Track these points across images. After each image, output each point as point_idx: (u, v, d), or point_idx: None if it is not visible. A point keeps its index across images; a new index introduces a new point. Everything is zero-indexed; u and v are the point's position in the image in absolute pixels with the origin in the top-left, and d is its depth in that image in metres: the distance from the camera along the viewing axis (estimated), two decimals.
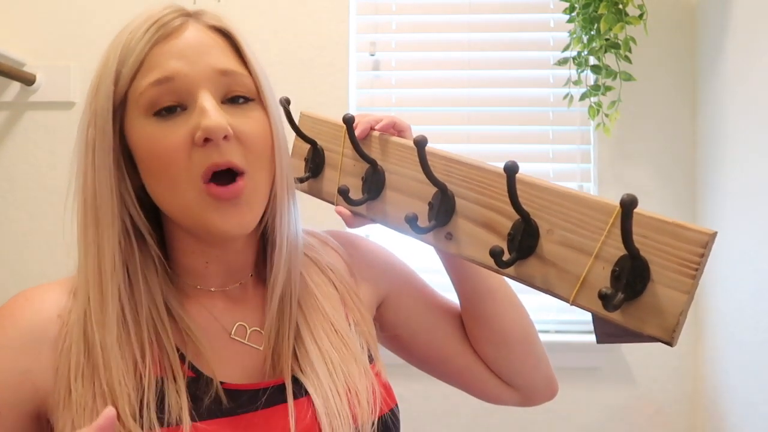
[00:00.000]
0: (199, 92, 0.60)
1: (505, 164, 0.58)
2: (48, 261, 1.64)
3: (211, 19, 0.64)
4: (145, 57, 0.60)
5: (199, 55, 0.61)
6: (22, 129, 1.69)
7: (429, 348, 0.81)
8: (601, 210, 0.56)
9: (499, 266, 0.61)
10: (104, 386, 0.57)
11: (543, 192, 0.60)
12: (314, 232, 0.80)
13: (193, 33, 0.62)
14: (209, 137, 0.58)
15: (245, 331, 0.67)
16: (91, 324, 0.59)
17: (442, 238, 0.68)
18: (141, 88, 0.60)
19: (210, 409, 0.60)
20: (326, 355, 0.66)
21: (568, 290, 0.58)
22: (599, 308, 0.55)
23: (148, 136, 0.60)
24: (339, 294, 0.73)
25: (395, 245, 0.87)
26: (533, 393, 0.83)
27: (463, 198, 0.67)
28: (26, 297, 0.63)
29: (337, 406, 0.63)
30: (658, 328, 0.52)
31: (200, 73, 0.60)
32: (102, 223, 0.61)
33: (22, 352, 0.59)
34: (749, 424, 1.35)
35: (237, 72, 0.62)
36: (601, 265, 0.55)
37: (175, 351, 0.61)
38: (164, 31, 0.61)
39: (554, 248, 0.59)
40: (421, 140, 0.65)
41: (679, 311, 0.51)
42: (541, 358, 0.82)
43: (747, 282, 1.35)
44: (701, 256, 0.50)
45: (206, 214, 0.60)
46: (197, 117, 0.59)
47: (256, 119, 0.63)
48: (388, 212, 0.73)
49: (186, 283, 0.67)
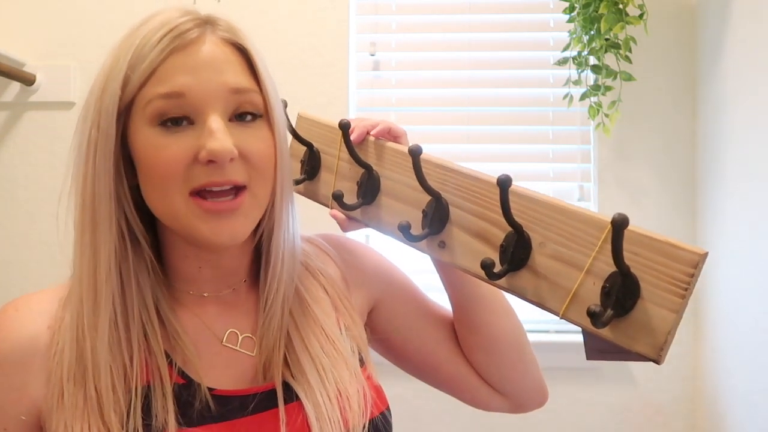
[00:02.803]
0: (209, 111, 0.59)
1: (498, 177, 0.58)
2: (48, 261, 1.64)
3: (227, 32, 0.63)
4: (158, 66, 0.59)
5: (214, 72, 0.60)
6: (22, 129, 1.69)
7: (420, 354, 0.81)
8: (593, 225, 0.56)
9: (490, 278, 0.61)
10: (93, 390, 0.58)
11: (537, 204, 0.60)
12: (307, 236, 0.79)
13: (209, 47, 0.61)
14: (214, 160, 0.58)
15: (237, 338, 0.67)
16: (83, 327, 0.60)
17: (436, 246, 0.68)
18: (149, 97, 0.59)
19: (200, 414, 0.60)
20: (317, 360, 0.66)
21: (558, 304, 0.58)
22: (588, 324, 0.55)
23: (151, 144, 0.59)
24: (330, 298, 0.73)
25: (390, 249, 0.87)
26: (523, 400, 0.83)
27: (458, 207, 0.67)
28: (16, 308, 0.63)
29: (327, 411, 0.63)
30: (646, 345, 0.52)
31: (212, 91, 0.60)
32: (99, 226, 0.60)
33: (15, 367, 0.60)
34: (749, 424, 1.35)
35: (248, 89, 0.62)
36: (592, 281, 0.56)
37: (164, 356, 0.61)
38: (180, 42, 0.60)
39: (546, 261, 0.59)
40: (416, 149, 0.65)
41: (667, 330, 0.51)
42: (531, 366, 0.82)
43: (747, 282, 1.35)
44: (691, 276, 0.51)
45: (193, 223, 0.60)
46: (205, 138, 0.58)
47: (262, 138, 0.63)
48: (382, 218, 0.73)
49: (178, 288, 0.67)
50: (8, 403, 0.60)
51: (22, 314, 0.62)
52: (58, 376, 0.59)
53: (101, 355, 0.59)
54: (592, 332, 0.56)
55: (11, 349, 0.60)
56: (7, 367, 0.60)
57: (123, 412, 0.58)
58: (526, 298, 0.61)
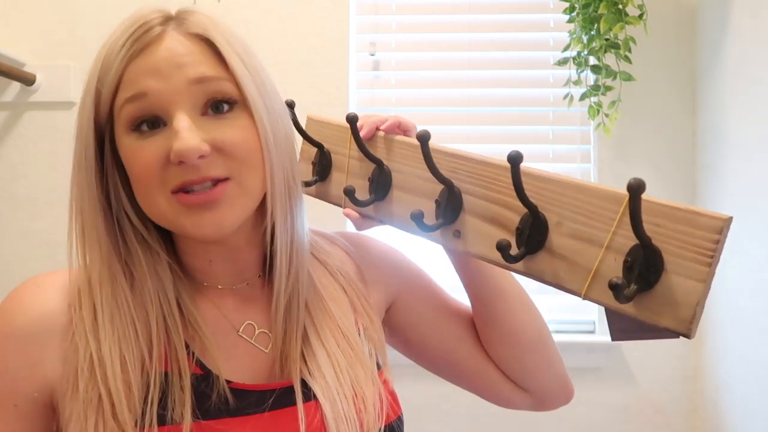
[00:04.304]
0: (174, 109, 0.59)
1: (508, 154, 0.56)
2: (48, 261, 1.64)
3: (193, 26, 0.62)
4: (122, 74, 0.59)
5: (173, 68, 0.59)
6: (22, 129, 1.69)
7: (439, 350, 0.80)
8: (610, 199, 0.54)
9: (507, 261, 0.59)
10: (109, 383, 0.57)
11: (550, 183, 0.59)
12: (323, 232, 0.79)
13: (169, 44, 0.60)
14: (182, 160, 0.57)
15: (253, 331, 0.67)
16: (98, 319, 0.60)
17: (450, 236, 0.67)
18: (120, 104, 0.60)
19: (217, 407, 0.60)
20: (333, 357, 0.66)
21: (579, 284, 0.56)
22: (612, 301, 0.53)
23: (129, 150, 0.60)
24: (348, 298, 0.72)
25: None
26: (547, 396, 0.81)
27: (470, 194, 0.65)
28: (37, 284, 0.62)
29: (344, 410, 0.62)
30: (674, 319, 0.50)
31: (175, 88, 0.59)
32: (89, 233, 0.62)
33: (32, 343, 0.59)
34: (749, 424, 1.35)
35: (214, 77, 0.60)
36: (613, 257, 0.54)
37: (184, 347, 0.61)
38: (138, 45, 0.60)
39: (564, 241, 0.57)
40: (424, 134, 0.63)
41: (695, 301, 0.49)
42: (555, 360, 0.80)
43: (747, 282, 1.35)
44: (717, 242, 0.48)
45: (179, 220, 0.60)
46: (171, 139, 0.58)
47: (240, 126, 0.61)
48: (395, 212, 0.73)
49: (197, 279, 0.67)
50: (21, 379, 0.59)
51: (44, 290, 0.62)
52: (73, 364, 0.59)
53: (117, 347, 0.59)
54: (616, 311, 0.54)
55: (30, 323, 0.60)
56: (24, 342, 0.59)
57: (138, 406, 0.57)
58: (545, 280, 0.59)
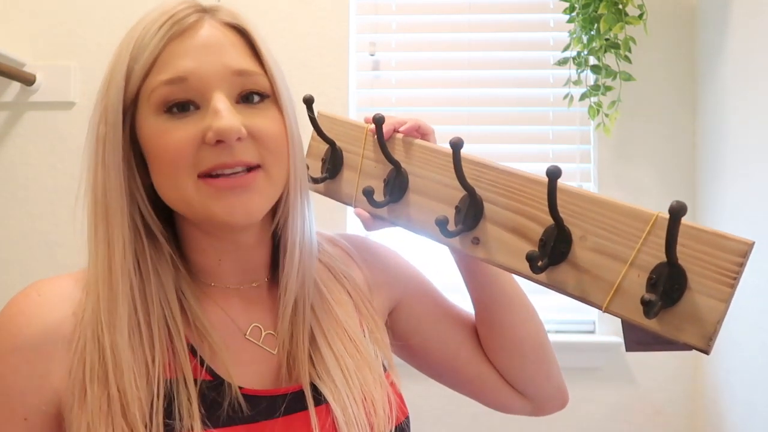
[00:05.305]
0: (213, 93, 0.59)
1: (547, 169, 0.57)
2: (48, 261, 1.64)
3: (227, 16, 0.63)
4: (158, 54, 0.59)
5: (214, 54, 0.60)
6: (22, 129, 1.69)
7: (441, 355, 0.80)
8: (637, 218, 0.56)
9: (534, 272, 0.60)
10: (116, 391, 0.56)
11: (576, 198, 0.60)
12: (327, 234, 0.78)
13: (209, 31, 0.61)
14: (221, 139, 0.57)
15: (260, 333, 0.66)
16: (101, 325, 0.58)
17: (469, 243, 0.68)
18: (153, 86, 0.59)
19: (229, 415, 0.59)
20: (341, 360, 0.65)
21: (601, 297, 0.58)
22: (633, 315, 0.55)
23: (158, 131, 0.59)
24: (353, 302, 0.72)
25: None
26: (544, 402, 0.82)
27: (492, 203, 0.66)
28: (39, 292, 0.61)
29: (354, 414, 0.62)
30: (694, 336, 0.53)
31: (215, 73, 0.59)
32: (112, 220, 0.60)
33: (38, 355, 0.58)
34: (749, 424, 1.35)
35: (252, 71, 0.61)
36: (636, 273, 0.56)
37: (187, 353, 0.60)
38: (178, 27, 0.60)
39: (587, 255, 0.59)
40: (458, 142, 0.64)
41: (717, 319, 0.52)
42: (554, 368, 0.81)
43: (747, 282, 1.35)
44: (740, 265, 0.52)
45: (208, 205, 0.59)
46: (210, 118, 0.58)
47: (271, 118, 0.62)
48: (411, 215, 0.72)
49: (203, 281, 0.66)
50: (30, 392, 0.57)
51: (47, 299, 0.60)
52: (79, 373, 0.57)
53: (123, 353, 0.57)
54: (635, 324, 0.56)
55: (35, 335, 0.58)
56: (30, 355, 0.58)
57: (146, 412, 0.56)
58: (567, 292, 0.60)
